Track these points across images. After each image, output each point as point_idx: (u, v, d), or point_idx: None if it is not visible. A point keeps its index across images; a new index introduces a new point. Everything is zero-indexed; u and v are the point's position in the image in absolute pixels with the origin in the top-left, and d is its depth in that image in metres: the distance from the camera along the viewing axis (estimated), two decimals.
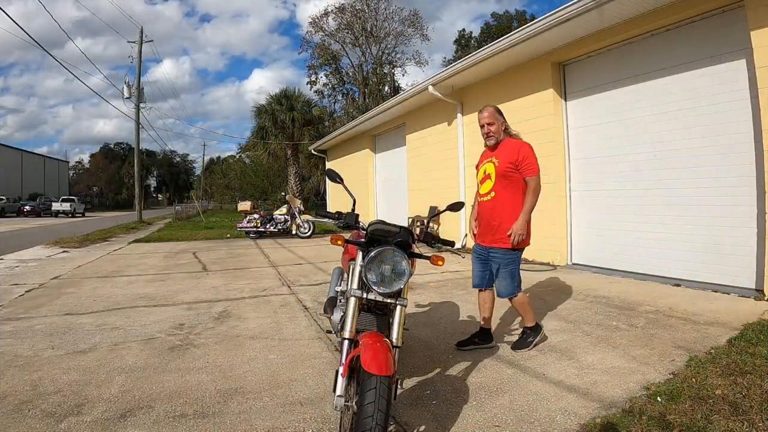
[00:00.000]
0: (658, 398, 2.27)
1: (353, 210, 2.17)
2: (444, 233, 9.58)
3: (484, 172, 3.09)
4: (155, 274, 6.67)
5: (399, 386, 2.29)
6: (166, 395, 2.50)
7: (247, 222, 12.48)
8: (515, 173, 2.95)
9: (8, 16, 11.75)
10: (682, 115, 5.04)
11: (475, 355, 3.06)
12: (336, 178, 2.27)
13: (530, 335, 3.16)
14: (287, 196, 13.67)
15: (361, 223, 2.15)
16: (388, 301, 2.01)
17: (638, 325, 3.57)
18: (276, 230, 12.35)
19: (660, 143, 5.29)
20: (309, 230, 12.19)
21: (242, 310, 4.44)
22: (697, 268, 4.88)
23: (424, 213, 9.88)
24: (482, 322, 3.23)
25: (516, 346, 3.16)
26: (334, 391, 1.78)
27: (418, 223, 9.74)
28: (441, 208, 2.44)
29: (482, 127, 3.05)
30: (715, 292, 4.52)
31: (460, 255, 2.07)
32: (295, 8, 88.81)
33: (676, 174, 5.13)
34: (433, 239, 2.15)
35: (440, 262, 2.15)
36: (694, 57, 4.90)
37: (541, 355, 3.02)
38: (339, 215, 2.17)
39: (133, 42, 21.42)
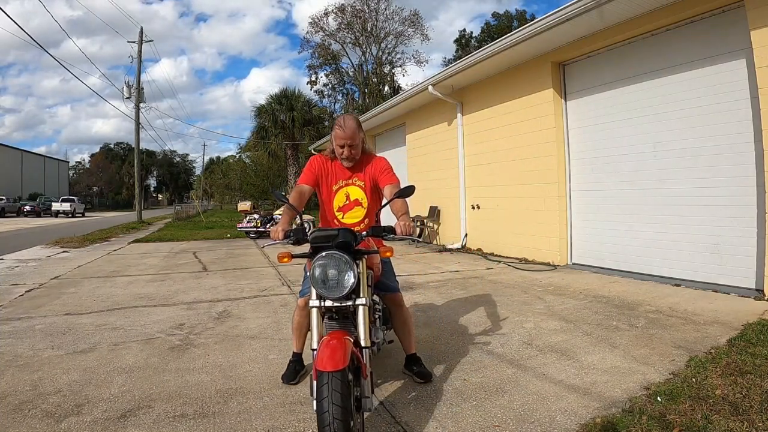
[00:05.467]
0: (658, 398, 2.27)
1: (301, 224, 2.18)
2: (444, 233, 9.59)
3: (347, 196, 2.60)
4: (155, 274, 6.67)
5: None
6: (166, 395, 2.50)
7: (247, 222, 12.49)
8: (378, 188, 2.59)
9: (8, 16, 11.77)
10: (682, 115, 5.04)
11: (475, 354, 3.06)
12: (282, 198, 2.26)
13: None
14: (287, 196, 13.68)
15: (308, 235, 2.13)
16: (347, 304, 2.00)
17: (638, 325, 3.57)
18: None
19: (660, 143, 5.29)
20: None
21: (242, 310, 4.44)
22: (697, 268, 4.88)
23: (424, 213, 9.89)
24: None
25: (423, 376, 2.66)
26: (312, 395, 1.83)
27: (418, 223, 9.76)
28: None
29: (341, 147, 2.48)
30: (715, 292, 4.52)
31: (417, 242, 2.01)
32: (291, 8, 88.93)
33: (676, 174, 5.13)
34: (384, 231, 2.12)
35: (389, 253, 2.15)
36: (694, 57, 4.90)
37: (541, 355, 3.02)
38: (286, 234, 2.15)
39: (133, 42, 21.45)
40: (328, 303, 2.00)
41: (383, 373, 2.74)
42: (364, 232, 2.12)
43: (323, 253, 1.97)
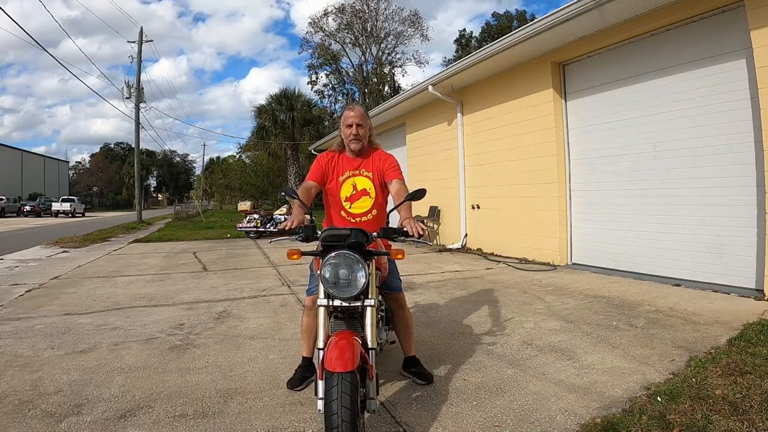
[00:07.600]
0: (658, 398, 2.27)
1: (311, 221, 2.16)
2: (444, 233, 9.59)
3: (354, 186, 2.59)
4: (155, 274, 6.67)
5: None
6: (166, 395, 2.50)
7: (247, 222, 12.49)
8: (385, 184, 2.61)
9: (8, 16, 11.77)
10: (681, 115, 5.04)
11: (475, 355, 3.06)
12: (292, 194, 2.26)
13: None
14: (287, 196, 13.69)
15: (318, 233, 2.11)
16: (356, 304, 1.99)
17: (638, 325, 3.57)
18: (276, 230, 12.36)
19: (660, 143, 5.29)
20: None
21: (242, 310, 4.44)
22: (697, 268, 4.88)
23: (424, 213, 9.89)
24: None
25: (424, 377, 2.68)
26: (316, 394, 1.82)
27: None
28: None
29: (350, 126, 2.51)
30: (715, 292, 4.52)
31: (427, 243, 2.00)
32: (289, 8, 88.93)
33: (676, 174, 5.13)
34: (394, 233, 2.10)
35: (400, 256, 2.15)
36: (694, 57, 4.90)
37: (541, 355, 3.02)
38: (295, 231, 2.13)
39: (133, 42, 21.45)
40: (336, 302, 1.99)
41: (384, 373, 2.74)
42: (376, 233, 2.11)
43: (334, 253, 1.96)
